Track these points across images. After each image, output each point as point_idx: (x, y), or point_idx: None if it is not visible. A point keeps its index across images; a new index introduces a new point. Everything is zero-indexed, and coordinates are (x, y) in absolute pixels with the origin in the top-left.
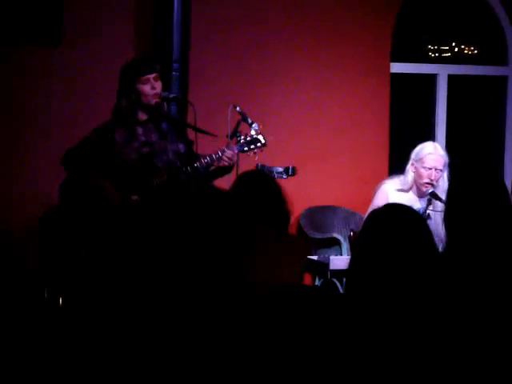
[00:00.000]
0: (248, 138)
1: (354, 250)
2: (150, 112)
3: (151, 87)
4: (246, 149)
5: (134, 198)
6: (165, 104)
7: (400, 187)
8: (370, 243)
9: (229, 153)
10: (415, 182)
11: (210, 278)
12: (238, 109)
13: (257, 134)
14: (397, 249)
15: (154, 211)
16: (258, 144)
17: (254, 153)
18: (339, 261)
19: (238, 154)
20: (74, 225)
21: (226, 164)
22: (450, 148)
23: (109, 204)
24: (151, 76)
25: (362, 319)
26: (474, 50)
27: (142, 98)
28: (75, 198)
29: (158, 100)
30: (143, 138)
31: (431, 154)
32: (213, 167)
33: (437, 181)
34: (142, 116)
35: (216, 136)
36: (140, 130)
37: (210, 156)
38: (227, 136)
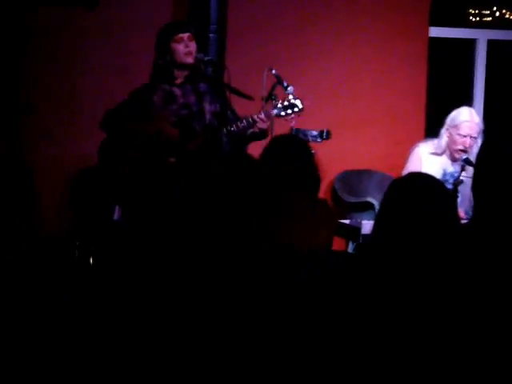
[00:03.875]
0: (285, 103)
1: (376, 219)
2: (186, 72)
3: (185, 45)
4: (282, 113)
5: (172, 160)
6: (202, 65)
7: (433, 151)
8: (391, 212)
9: (264, 117)
10: (449, 147)
11: (239, 240)
12: (273, 71)
13: (294, 98)
14: (417, 219)
15: (188, 175)
16: (296, 109)
17: (292, 118)
18: (371, 225)
19: (273, 118)
20: (111, 184)
21: (264, 127)
22: (487, 114)
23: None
24: (185, 35)
25: (385, 287)
26: None
27: (176, 57)
28: (116, 156)
29: (192, 60)
30: (181, 100)
31: (467, 122)
32: (250, 130)
33: (471, 148)
34: (179, 77)
35: (253, 99)
36: (178, 92)
37: (247, 119)
38: (262, 99)
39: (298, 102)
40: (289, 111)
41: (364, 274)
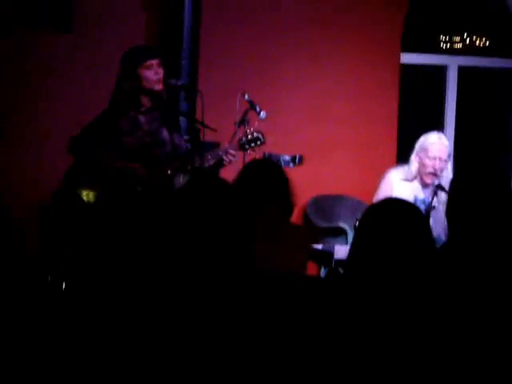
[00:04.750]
0: (249, 137)
1: (352, 244)
2: (153, 99)
3: (154, 73)
4: (246, 147)
5: (138, 188)
6: (164, 93)
7: (404, 177)
8: (366, 238)
9: (231, 151)
10: (419, 171)
11: (213, 266)
12: (246, 97)
13: (257, 131)
14: (393, 244)
15: (155, 203)
16: (258, 142)
17: (254, 150)
18: (344, 250)
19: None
20: (78, 209)
21: (227, 161)
22: (458, 140)
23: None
24: (154, 61)
25: (359, 312)
26: (485, 41)
27: (145, 83)
28: (84, 181)
29: (161, 87)
30: (146, 127)
31: (435, 144)
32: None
33: (441, 171)
34: (146, 103)
35: (216, 131)
36: (143, 119)
37: (212, 153)
38: (235, 123)
39: (260, 136)
40: (252, 144)
41: (339, 299)
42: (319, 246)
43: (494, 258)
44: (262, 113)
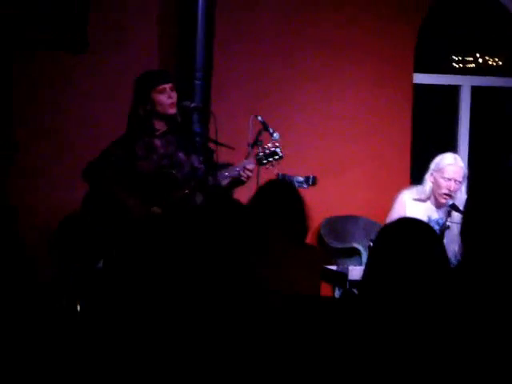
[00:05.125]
0: (266, 151)
1: (366, 265)
2: (167, 123)
3: (168, 97)
4: (264, 161)
5: (155, 209)
6: (178, 115)
7: (418, 197)
8: (381, 258)
9: (249, 167)
10: (433, 192)
11: (228, 287)
12: (259, 118)
13: (274, 146)
14: (408, 264)
15: (174, 224)
16: (276, 157)
17: (272, 165)
18: (358, 271)
19: (256, 167)
20: (94, 235)
21: (245, 177)
22: (472, 160)
23: (131, 216)
24: (167, 86)
25: (374, 332)
26: (498, 61)
27: (158, 107)
28: (97, 209)
29: (174, 111)
30: (162, 151)
31: (451, 165)
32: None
33: (455, 192)
34: (160, 127)
35: (233, 149)
36: (158, 142)
37: (229, 170)
38: (249, 145)
39: (278, 150)
40: (270, 159)
41: (354, 319)
42: (333, 267)
43: (507, 278)
44: (275, 134)
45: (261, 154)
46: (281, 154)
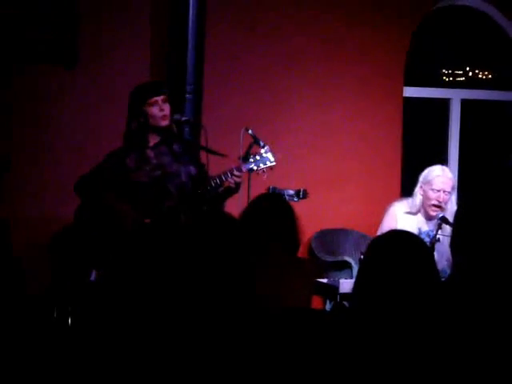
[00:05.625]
0: (257, 157)
1: (356, 277)
2: (160, 134)
3: (159, 109)
4: (254, 167)
5: (147, 221)
6: (174, 126)
7: (408, 210)
8: (371, 271)
9: (237, 172)
10: (423, 204)
11: (219, 301)
12: (250, 131)
13: (266, 152)
14: (398, 277)
15: (164, 236)
16: (268, 163)
17: (263, 171)
18: (349, 284)
19: (248, 173)
20: (86, 247)
21: (239, 181)
22: (462, 173)
23: (122, 226)
24: (159, 98)
25: (365, 345)
26: (487, 74)
27: (150, 120)
28: (89, 220)
29: (167, 123)
30: (155, 161)
31: (439, 177)
32: (222, 188)
33: (445, 203)
34: (153, 139)
35: (226, 156)
36: (151, 153)
37: (219, 176)
38: (239, 158)
39: (269, 156)
40: (261, 165)
41: (345, 332)
42: (324, 280)
43: (498, 290)
44: (265, 147)
45: (251, 159)
46: (272, 160)
